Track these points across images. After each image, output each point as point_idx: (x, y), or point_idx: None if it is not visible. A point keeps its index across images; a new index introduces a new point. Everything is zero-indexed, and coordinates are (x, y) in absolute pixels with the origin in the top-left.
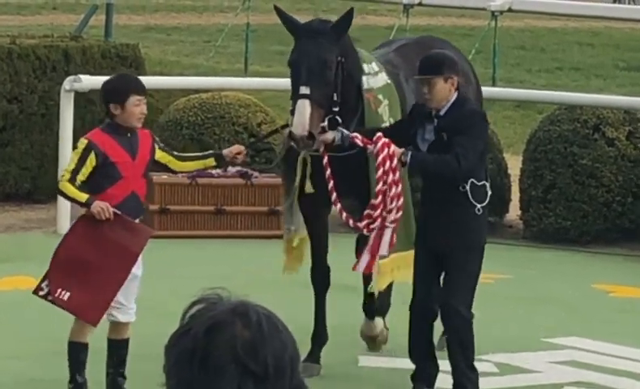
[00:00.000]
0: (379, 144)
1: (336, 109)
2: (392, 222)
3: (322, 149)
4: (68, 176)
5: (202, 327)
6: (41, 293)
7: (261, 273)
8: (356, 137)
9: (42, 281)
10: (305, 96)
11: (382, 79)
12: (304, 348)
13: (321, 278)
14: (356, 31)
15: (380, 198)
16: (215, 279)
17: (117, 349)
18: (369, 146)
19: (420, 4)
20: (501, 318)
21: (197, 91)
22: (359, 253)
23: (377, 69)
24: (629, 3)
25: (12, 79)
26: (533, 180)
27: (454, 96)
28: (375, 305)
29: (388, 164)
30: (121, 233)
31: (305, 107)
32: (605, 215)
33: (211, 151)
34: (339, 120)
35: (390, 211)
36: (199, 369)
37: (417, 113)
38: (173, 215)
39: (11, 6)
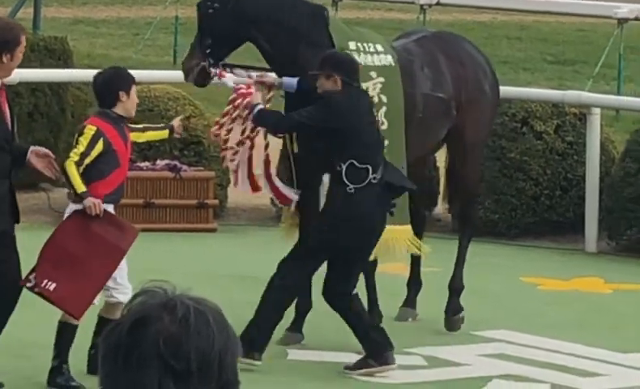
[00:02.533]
0: (240, 92)
1: (208, 51)
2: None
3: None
4: (76, 158)
5: (129, 322)
6: (28, 285)
7: (193, 266)
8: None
9: (30, 273)
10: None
11: (386, 59)
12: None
13: None
14: None
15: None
16: (145, 273)
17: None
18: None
19: None
20: (429, 312)
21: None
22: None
23: (381, 50)
24: None
25: None
26: None
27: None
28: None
29: (238, 100)
30: (110, 230)
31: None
32: (534, 208)
33: (164, 124)
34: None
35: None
36: (123, 363)
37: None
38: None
39: None
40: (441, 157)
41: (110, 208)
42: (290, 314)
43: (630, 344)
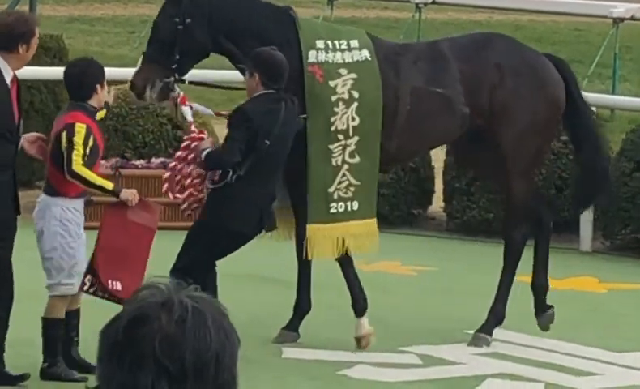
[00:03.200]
0: (195, 134)
1: (174, 67)
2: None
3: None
4: (81, 161)
5: (125, 320)
6: (85, 288)
7: None
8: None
9: (84, 277)
10: (143, 54)
11: (360, 55)
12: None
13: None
14: None
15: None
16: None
17: (73, 319)
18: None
19: None
20: (424, 310)
21: (121, 82)
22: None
23: (354, 45)
24: None
25: None
26: (457, 172)
27: (259, 92)
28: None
29: (191, 143)
30: (140, 214)
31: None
32: None
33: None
34: (171, 80)
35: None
36: (117, 363)
37: None
38: (97, 206)
39: None
40: (437, 156)
41: (79, 202)
42: (287, 312)
43: (625, 343)
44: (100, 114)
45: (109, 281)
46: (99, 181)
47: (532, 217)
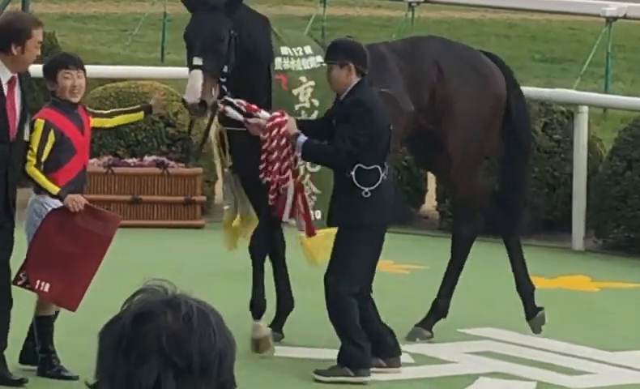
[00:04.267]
0: (276, 120)
1: (224, 80)
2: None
3: (255, 132)
4: (34, 160)
5: (131, 316)
6: (19, 283)
7: (180, 262)
8: (247, 105)
9: (20, 272)
10: (197, 67)
11: (315, 61)
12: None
13: (257, 247)
14: (273, 21)
15: (273, 155)
16: (132, 269)
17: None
18: (259, 115)
19: None
20: (417, 309)
21: (113, 80)
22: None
23: (309, 52)
24: None
25: None
26: None
27: (354, 83)
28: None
29: (274, 131)
30: (92, 222)
31: (197, 77)
32: None
33: (139, 106)
34: (225, 89)
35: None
36: (123, 356)
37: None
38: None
39: None
40: None
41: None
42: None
43: (617, 342)
44: (103, 122)
45: (37, 281)
46: (45, 184)
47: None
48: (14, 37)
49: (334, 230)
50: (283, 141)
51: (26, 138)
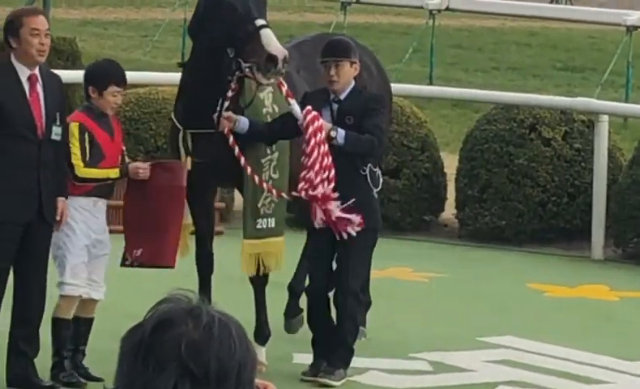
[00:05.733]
0: (309, 117)
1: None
2: (322, 194)
3: (226, 129)
4: (82, 163)
5: (152, 323)
6: (127, 263)
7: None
8: (287, 90)
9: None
10: (265, 26)
11: None
12: None
13: (204, 263)
14: (294, 28)
15: (317, 166)
16: (151, 276)
17: (82, 326)
18: (292, 105)
19: (357, 2)
20: (435, 317)
21: (133, 86)
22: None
23: None
24: (565, 4)
25: None
26: (469, 179)
27: (352, 81)
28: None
29: (318, 135)
30: (162, 176)
31: (271, 33)
32: (540, 215)
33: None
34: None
35: (322, 182)
36: (142, 363)
37: (311, 99)
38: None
39: None
40: (451, 163)
41: (101, 203)
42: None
43: (636, 351)
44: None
45: (133, 251)
46: (103, 174)
47: None
48: (9, 30)
49: (273, 240)
50: (325, 148)
51: (54, 137)
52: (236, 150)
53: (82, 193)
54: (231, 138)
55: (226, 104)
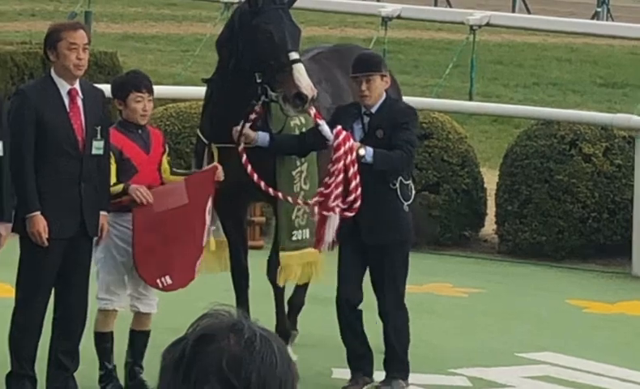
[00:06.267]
0: (340, 137)
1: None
2: (351, 211)
3: (242, 146)
4: (112, 180)
5: (194, 337)
6: (160, 287)
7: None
8: (316, 113)
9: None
10: (298, 61)
11: None
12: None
13: (239, 277)
14: (334, 42)
15: (338, 190)
16: (191, 290)
17: (137, 340)
18: (322, 126)
19: (398, 17)
20: (475, 333)
21: (174, 100)
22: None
23: None
24: (607, 20)
25: None
26: (509, 194)
27: (384, 94)
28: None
29: (349, 157)
30: (167, 200)
31: (304, 70)
32: (581, 230)
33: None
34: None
35: (352, 202)
36: (183, 376)
37: (342, 114)
38: None
39: None
40: (491, 178)
41: (124, 217)
42: (329, 331)
43: None
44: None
45: (157, 281)
46: (114, 190)
47: None
48: (48, 44)
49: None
50: (355, 169)
51: (95, 151)
52: (249, 168)
53: (117, 208)
54: (244, 157)
55: (247, 124)
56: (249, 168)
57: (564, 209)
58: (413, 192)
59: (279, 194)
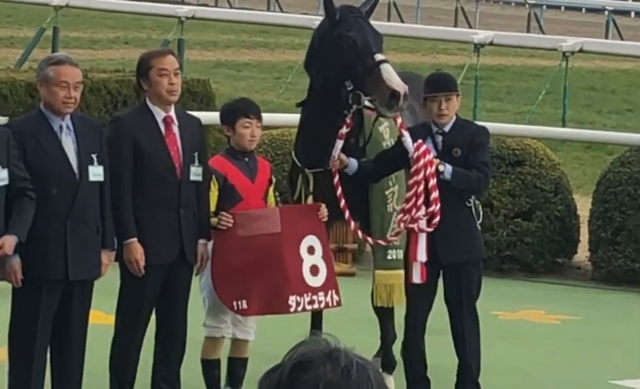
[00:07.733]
0: (421, 150)
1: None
2: (430, 226)
3: (335, 168)
4: (212, 209)
5: (291, 364)
6: (235, 310)
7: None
8: (401, 123)
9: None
10: (386, 61)
11: None
12: None
13: None
14: (426, 69)
15: (420, 200)
16: (294, 316)
17: (235, 368)
18: (406, 138)
19: (491, 43)
20: (568, 360)
21: (267, 127)
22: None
23: None
24: None
25: (83, 112)
26: (602, 221)
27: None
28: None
29: (429, 169)
30: (254, 226)
31: (392, 68)
32: None
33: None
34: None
35: (432, 214)
36: None
37: (414, 134)
38: None
39: (83, 41)
40: (583, 205)
41: None
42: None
43: None
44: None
45: (233, 303)
46: (212, 221)
47: None
48: (140, 72)
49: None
50: (434, 181)
51: (193, 178)
52: (339, 191)
53: None
54: (336, 178)
55: (340, 143)
56: (339, 191)
57: None
58: (481, 212)
59: (369, 239)
